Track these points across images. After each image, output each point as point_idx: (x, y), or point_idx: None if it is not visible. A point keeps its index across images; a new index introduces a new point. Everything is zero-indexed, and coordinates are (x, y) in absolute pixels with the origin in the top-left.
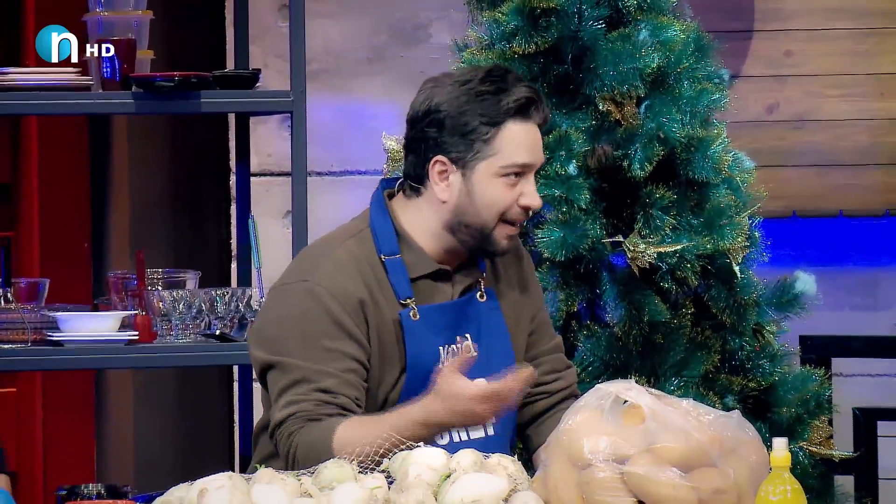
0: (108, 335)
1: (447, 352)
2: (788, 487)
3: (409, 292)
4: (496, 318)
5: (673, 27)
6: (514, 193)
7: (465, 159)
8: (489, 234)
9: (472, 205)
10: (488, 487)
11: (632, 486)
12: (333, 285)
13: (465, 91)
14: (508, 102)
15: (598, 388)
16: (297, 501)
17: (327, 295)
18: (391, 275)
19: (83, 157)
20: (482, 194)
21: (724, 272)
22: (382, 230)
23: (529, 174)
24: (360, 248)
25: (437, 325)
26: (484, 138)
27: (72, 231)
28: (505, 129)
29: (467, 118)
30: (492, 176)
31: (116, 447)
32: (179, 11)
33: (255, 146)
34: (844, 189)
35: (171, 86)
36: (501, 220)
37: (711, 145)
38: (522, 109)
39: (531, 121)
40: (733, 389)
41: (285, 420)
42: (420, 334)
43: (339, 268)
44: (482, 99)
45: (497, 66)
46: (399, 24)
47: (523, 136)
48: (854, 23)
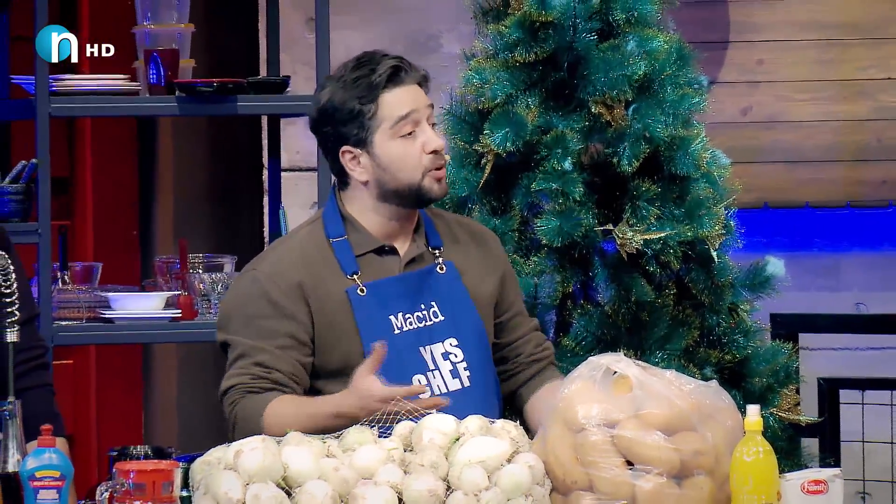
0: (154, 313)
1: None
2: (760, 449)
3: (354, 268)
4: (458, 287)
5: (657, 38)
6: (417, 145)
7: (363, 139)
8: (418, 186)
9: (388, 172)
10: (493, 449)
11: (621, 447)
12: (273, 272)
13: (340, 84)
14: (378, 77)
15: (590, 360)
16: (322, 461)
17: (266, 280)
18: (338, 253)
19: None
20: (389, 158)
21: (703, 257)
22: (331, 217)
23: (422, 123)
24: (311, 235)
25: (387, 297)
26: (368, 115)
27: (122, 220)
28: (382, 99)
29: (350, 104)
30: (388, 140)
31: (162, 413)
32: (217, 24)
33: (285, 145)
34: (810, 183)
35: (210, 90)
36: (425, 173)
37: (692, 144)
38: (392, 78)
39: (404, 84)
40: (711, 362)
41: (227, 391)
42: (368, 306)
43: (282, 256)
44: (356, 84)
45: (363, 53)
46: (413, 36)
47: (399, 96)
48: (819, 34)
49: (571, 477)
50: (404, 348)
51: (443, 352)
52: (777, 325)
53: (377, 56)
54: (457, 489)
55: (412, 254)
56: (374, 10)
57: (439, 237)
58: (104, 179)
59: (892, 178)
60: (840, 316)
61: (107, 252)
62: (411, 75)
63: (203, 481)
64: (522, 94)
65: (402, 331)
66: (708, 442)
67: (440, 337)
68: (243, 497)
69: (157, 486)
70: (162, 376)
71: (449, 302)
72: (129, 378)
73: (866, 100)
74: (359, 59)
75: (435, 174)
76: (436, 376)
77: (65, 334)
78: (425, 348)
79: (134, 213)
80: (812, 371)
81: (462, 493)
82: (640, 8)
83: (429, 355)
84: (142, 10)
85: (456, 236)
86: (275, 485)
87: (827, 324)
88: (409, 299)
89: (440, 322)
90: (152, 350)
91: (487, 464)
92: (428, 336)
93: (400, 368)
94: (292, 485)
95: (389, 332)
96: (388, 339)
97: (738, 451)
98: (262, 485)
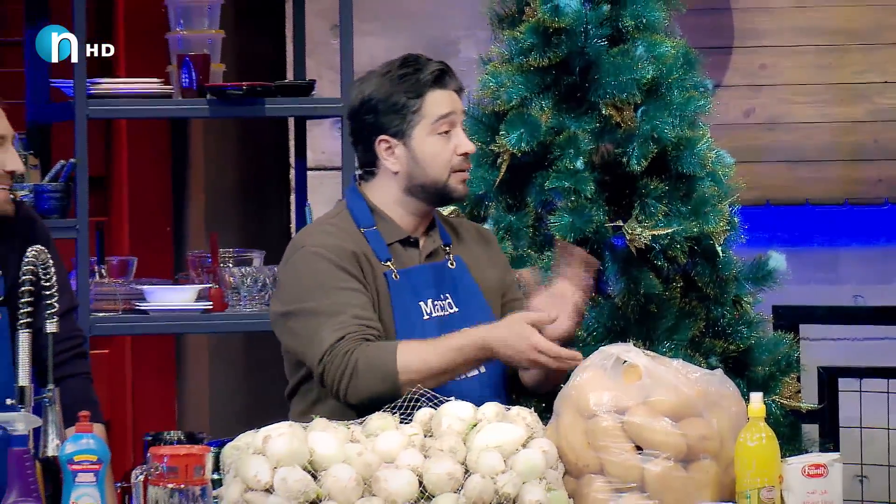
0: (186, 305)
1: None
2: (763, 434)
3: (387, 254)
4: (469, 280)
5: (665, 44)
6: (451, 146)
7: (402, 130)
8: (444, 185)
9: (419, 166)
10: (509, 435)
11: (630, 433)
12: (327, 244)
13: (388, 78)
14: (426, 76)
15: (601, 350)
16: (346, 446)
17: (325, 251)
18: (371, 242)
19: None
20: (424, 153)
21: (709, 252)
22: (358, 209)
23: (457, 127)
24: (341, 223)
25: (416, 284)
26: (413, 109)
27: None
28: (428, 97)
29: (396, 97)
30: (427, 135)
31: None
32: (246, 30)
33: (311, 145)
34: (810, 181)
35: (239, 94)
36: (451, 172)
37: (697, 144)
38: (438, 80)
39: (447, 88)
40: (716, 351)
41: (335, 344)
42: (403, 291)
43: (328, 234)
44: (404, 80)
45: (410, 54)
46: (432, 41)
47: (442, 97)
48: (818, 40)
49: (583, 461)
50: (431, 333)
51: None
52: (779, 316)
53: (423, 59)
54: (474, 472)
55: (430, 247)
56: (396, 17)
57: (448, 235)
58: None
59: (888, 176)
60: (839, 308)
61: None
62: (453, 81)
63: (233, 465)
64: (536, 96)
65: (431, 317)
66: (713, 428)
67: (457, 326)
68: (271, 480)
69: (189, 470)
70: (194, 365)
71: (461, 294)
72: (162, 367)
73: (863, 102)
74: (405, 58)
75: (460, 175)
76: None
77: (101, 325)
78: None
79: (167, 209)
80: (812, 360)
81: (479, 476)
82: (649, 15)
83: None
84: (174, 17)
85: (461, 235)
86: (301, 468)
87: (826, 315)
88: (434, 288)
89: (455, 314)
90: (185, 340)
91: (504, 448)
92: (448, 324)
93: None
94: (318, 468)
95: (420, 317)
96: (418, 323)
97: (742, 437)
98: (290, 468)
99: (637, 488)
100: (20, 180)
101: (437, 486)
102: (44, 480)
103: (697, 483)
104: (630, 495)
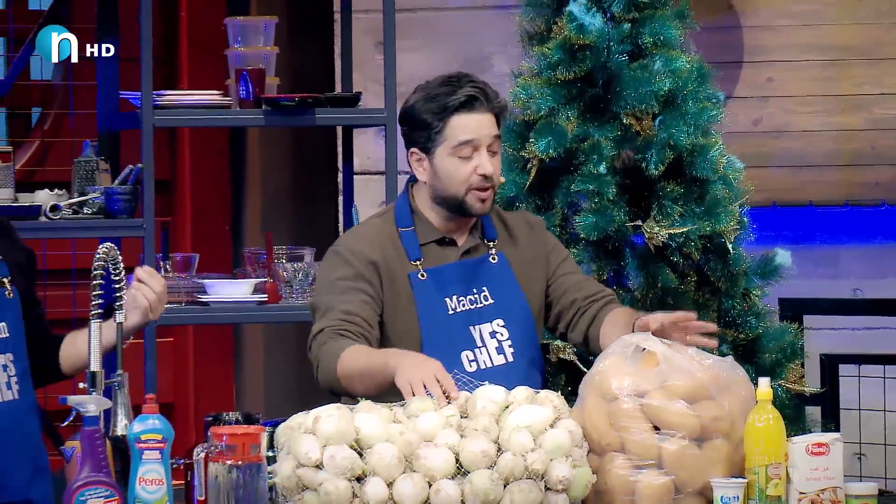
0: (244, 298)
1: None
2: (770, 416)
3: (418, 255)
4: (508, 275)
5: (681, 59)
6: (471, 166)
7: (427, 147)
8: (462, 200)
9: (440, 181)
10: (538, 416)
11: (649, 414)
12: (353, 247)
13: (424, 94)
14: (454, 100)
15: (622, 339)
16: (389, 426)
17: (346, 251)
18: (405, 242)
19: (224, 159)
20: (443, 171)
21: (720, 249)
22: (402, 209)
23: (481, 150)
24: (383, 224)
25: (445, 281)
26: (436, 130)
27: (216, 217)
28: (452, 121)
29: (424, 115)
30: (447, 156)
31: (250, 384)
32: (299, 47)
33: (357, 151)
34: (813, 184)
35: (292, 105)
36: (469, 189)
37: (710, 151)
38: (466, 104)
39: (476, 112)
40: (727, 340)
41: (316, 335)
42: (427, 289)
43: (359, 237)
44: (434, 99)
45: (456, 73)
46: (468, 57)
47: (466, 123)
48: (820, 56)
49: (606, 440)
50: (456, 327)
51: (490, 331)
52: (784, 308)
53: (464, 80)
54: (506, 450)
55: (468, 245)
56: (434, 35)
57: (495, 231)
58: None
59: (885, 180)
60: (839, 300)
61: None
62: (487, 105)
63: (286, 443)
64: (563, 107)
65: (456, 311)
66: (725, 409)
67: (488, 318)
68: (321, 457)
69: (246, 448)
70: (250, 352)
71: (498, 287)
72: (222, 354)
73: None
74: (448, 77)
75: (478, 194)
76: (482, 352)
77: (166, 316)
78: (475, 327)
79: (226, 210)
80: (815, 348)
81: (511, 453)
82: (666, 32)
83: (477, 334)
84: (233, 35)
85: (511, 230)
86: (348, 447)
87: (828, 307)
88: (463, 284)
89: (490, 305)
90: (242, 329)
91: (533, 428)
92: (478, 317)
93: (450, 345)
94: (363, 446)
95: (444, 312)
96: (443, 318)
97: (750, 418)
98: (338, 447)
99: (655, 465)
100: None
101: (473, 463)
102: (113, 458)
103: (710, 460)
104: (648, 471)
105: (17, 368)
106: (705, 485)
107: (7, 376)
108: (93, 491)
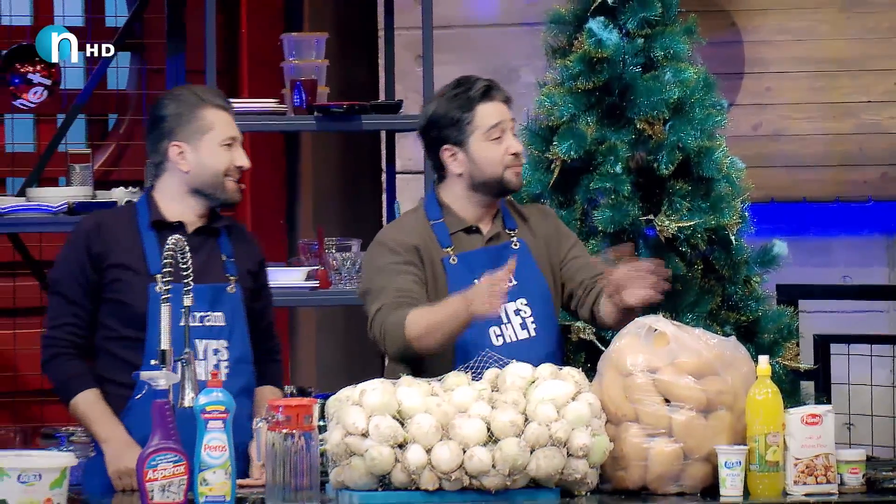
0: (298, 284)
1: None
2: (769, 390)
3: (449, 242)
4: (528, 259)
5: (689, 70)
6: (502, 148)
7: (461, 140)
8: (500, 177)
9: (478, 167)
10: (561, 390)
11: (660, 388)
12: (394, 236)
13: (445, 99)
14: (475, 93)
15: (636, 320)
16: (427, 399)
17: (389, 240)
18: (436, 231)
19: (280, 161)
20: (480, 156)
21: (724, 241)
22: (431, 205)
23: (507, 132)
24: (416, 217)
25: (473, 266)
26: (467, 121)
27: (272, 211)
28: (478, 110)
29: (452, 113)
30: (481, 141)
31: (304, 361)
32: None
33: (399, 153)
34: (807, 183)
35: (341, 111)
36: (505, 168)
37: (715, 152)
38: (485, 94)
39: (494, 100)
40: (730, 321)
41: (377, 313)
42: (459, 271)
43: (399, 228)
44: (457, 98)
45: (461, 76)
46: (498, 68)
47: (491, 109)
48: (814, 68)
49: (622, 411)
50: None
51: (515, 309)
52: (781, 293)
53: (472, 78)
54: (532, 420)
55: (492, 233)
56: (468, 49)
57: (514, 221)
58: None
59: (871, 179)
60: (830, 286)
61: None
62: (499, 94)
63: (335, 414)
64: (583, 114)
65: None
66: (728, 384)
67: (512, 297)
68: (366, 427)
69: (300, 418)
70: (304, 333)
71: (520, 270)
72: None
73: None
74: (458, 80)
75: (513, 170)
76: (508, 328)
77: None
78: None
79: (282, 206)
80: (809, 329)
81: (537, 423)
82: (675, 47)
83: (503, 312)
84: (288, 49)
85: (527, 220)
86: (391, 417)
87: (820, 292)
88: (490, 267)
89: (513, 286)
90: (296, 312)
91: (557, 401)
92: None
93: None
94: (405, 417)
95: None
96: None
97: (751, 392)
98: (381, 417)
99: (666, 434)
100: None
101: (502, 432)
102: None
103: (715, 429)
104: (660, 439)
105: (231, 354)
106: (711, 451)
107: (218, 360)
108: (163, 456)
